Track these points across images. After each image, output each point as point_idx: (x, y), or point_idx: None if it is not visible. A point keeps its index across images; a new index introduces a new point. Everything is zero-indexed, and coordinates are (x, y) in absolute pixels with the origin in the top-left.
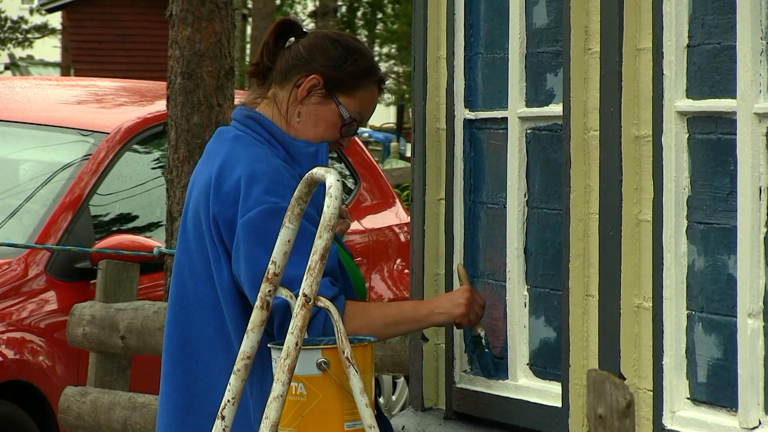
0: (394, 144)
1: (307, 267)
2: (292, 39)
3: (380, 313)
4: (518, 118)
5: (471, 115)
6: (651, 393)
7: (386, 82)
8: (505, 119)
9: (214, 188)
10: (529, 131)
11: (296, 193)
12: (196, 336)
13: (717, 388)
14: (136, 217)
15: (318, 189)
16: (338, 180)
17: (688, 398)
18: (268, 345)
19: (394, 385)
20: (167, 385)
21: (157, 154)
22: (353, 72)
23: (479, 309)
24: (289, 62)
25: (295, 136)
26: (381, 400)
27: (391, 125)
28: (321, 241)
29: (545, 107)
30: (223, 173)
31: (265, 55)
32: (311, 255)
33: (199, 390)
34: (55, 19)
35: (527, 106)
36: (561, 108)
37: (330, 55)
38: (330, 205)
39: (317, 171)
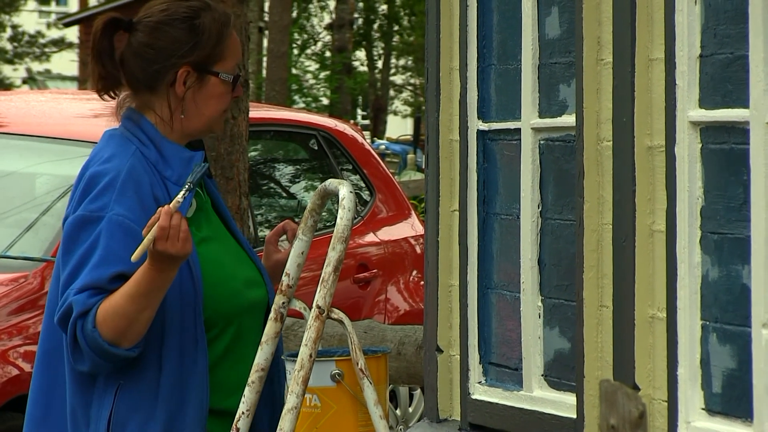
0: (410, 156)
1: (321, 278)
2: (125, 36)
3: (120, 298)
4: (531, 129)
5: (484, 126)
6: (666, 403)
7: (225, 11)
8: (518, 130)
9: (72, 190)
10: (542, 142)
11: (309, 205)
12: (51, 345)
13: (732, 399)
14: None
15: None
16: (351, 192)
17: (702, 409)
18: (282, 357)
19: (411, 396)
20: (29, 397)
21: None
22: (212, 39)
23: (179, 232)
24: (146, 69)
25: (190, 127)
26: (398, 411)
27: (408, 137)
28: (334, 253)
29: (558, 118)
30: (81, 172)
31: (107, 63)
32: (324, 266)
33: (54, 402)
34: (72, 34)
35: (540, 116)
36: (574, 119)
37: (179, 40)
38: (343, 217)
39: (330, 182)
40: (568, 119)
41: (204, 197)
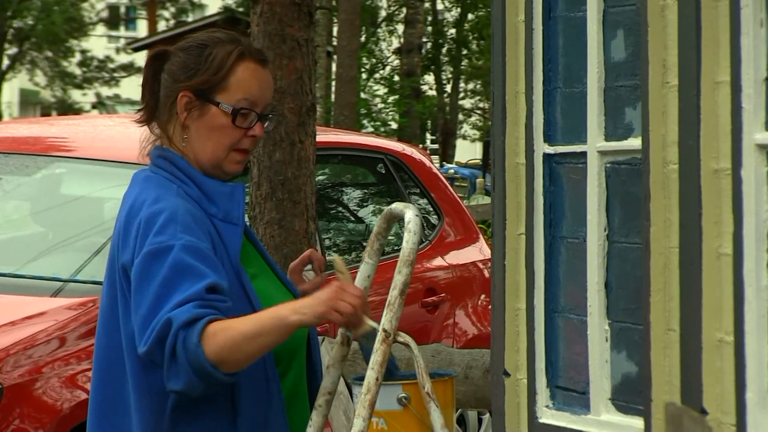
0: (479, 180)
1: (387, 302)
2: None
3: (242, 325)
4: (597, 152)
5: (550, 150)
6: (734, 428)
7: (248, 45)
8: (584, 153)
9: (123, 236)
10: (608, 165)
11: (375, 228)
12: (113, 397)
13: None
14: None
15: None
16: (417, 215)
17: None
18: (347, 381)
19: (480, 420)
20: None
21: None
22: (214, 66)
23: (353, 299)
24: (158, 94)
25: (200, 161)
26: None
27: (477, 161)
28: (400, 276)
29: (624, 141)
30: (129, 220)
31: (148, 94)
32: (391, 290)
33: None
34: (141, 58)
35: (606, 140)
36: (640, 142)
37: (186, 65)
38: (409, 241)
39: (396, 206)
40: (634, 142)
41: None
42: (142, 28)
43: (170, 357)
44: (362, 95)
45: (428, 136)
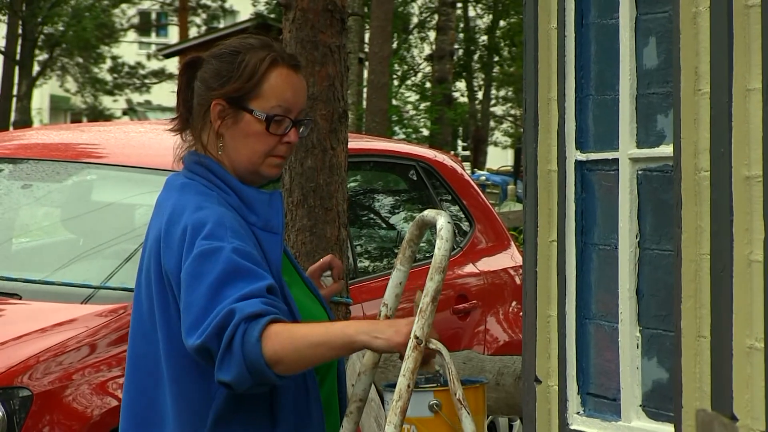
0: (511, 187)
1: (419, 309)
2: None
3: (307, 332)
4: (629, 159)
5: (582, 157)
6: None
7: (281, 51)
8: (616, 160)
9: (165, 242)
10: (640, 172)
11: (407, 235)
12: (148, 406)
13: None
14: None
15: (255, 198)
16: (449, 222)
17: None
18: (379, 388)
19: (510, 427)
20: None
21: None
22: (246, 73)
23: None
24: (191, 102)
25: (237, 168)
26: None
27: (508, 168)
28: (432, 284)
29: (656, 148)
30: (171, 226)
31: (182, 104)
32: (423, 296)
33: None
34: (173, 65)
35: (638, 147)
36: (672, 149)
37: (219, 72)
38: (441, 247)
39: (428, 213)
40: (666, 149)
41: None
42: (173, 35)
43: (226, 347)
44: (394, 102)
45: (460, 142)
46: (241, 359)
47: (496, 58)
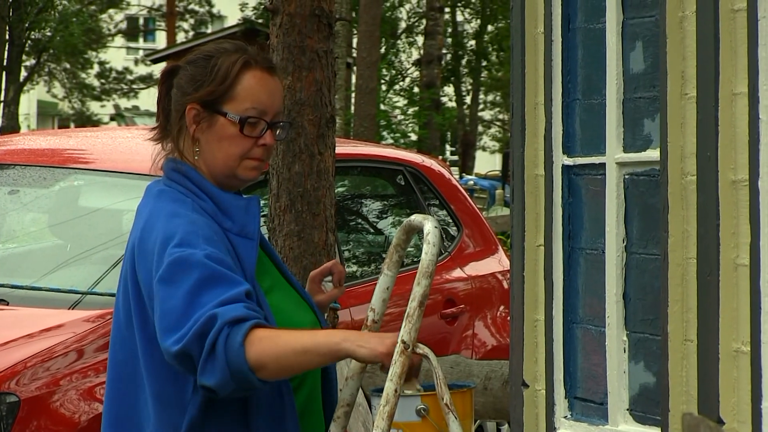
0: (499, 191)
1: (406, 313)
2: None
3: (291, 339)
4: (616, 163)
5: (569, 161)
6: None
7: (254, 53)
8: (603, 165)
9: (139, 249)
10: (626, 176)
11: (395, 240)
12: (127, 412)
13: None
14: None
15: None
16: (436, 227)
17: None
18: (366, 392)
19: (498, 431)
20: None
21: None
22: (219, 76)
23: (415, 359)
24: (168, 110)
25: (213, 172)
26: None
27: (496, 173)
28: (419, 288)
29: (643, 152)
30: (144, 235)
31: (161, 112)
32: (410, 301)
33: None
34: (160, 70)
35: (625, 151)
36: (658, 153)
37: (193, 77)
38: (428, 252)
39: (415, 218)
40: (653, 154)
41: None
42: (161, 40)
43: (209, 352)
44: (382, 107)
45: (448, 147)
46: (224, 364)
47: (484, 63)
